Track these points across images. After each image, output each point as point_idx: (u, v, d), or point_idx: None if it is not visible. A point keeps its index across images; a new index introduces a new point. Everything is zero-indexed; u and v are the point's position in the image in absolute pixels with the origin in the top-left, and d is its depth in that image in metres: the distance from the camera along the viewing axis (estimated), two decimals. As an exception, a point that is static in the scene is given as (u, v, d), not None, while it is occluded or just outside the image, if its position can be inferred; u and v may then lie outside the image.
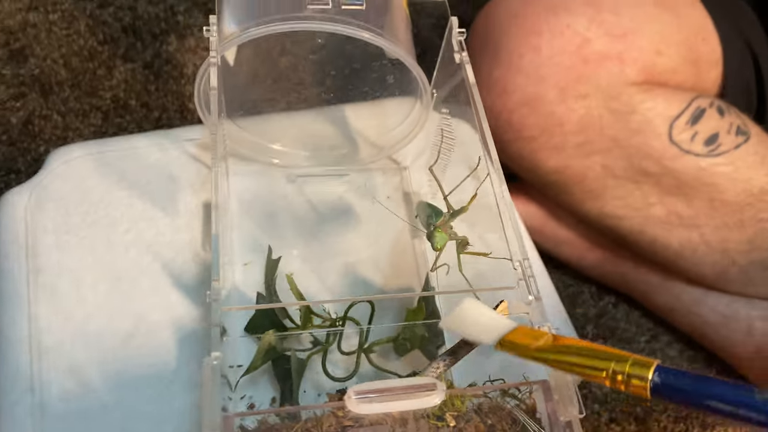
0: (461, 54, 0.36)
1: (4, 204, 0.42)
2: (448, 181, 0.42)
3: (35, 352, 0.37)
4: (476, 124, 0.37)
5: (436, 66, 0.40)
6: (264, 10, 0.35)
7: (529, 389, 0.26)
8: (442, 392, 0.24)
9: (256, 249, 0.43)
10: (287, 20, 0.35)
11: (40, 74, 0.75)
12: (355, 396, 0.23)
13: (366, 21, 0.36)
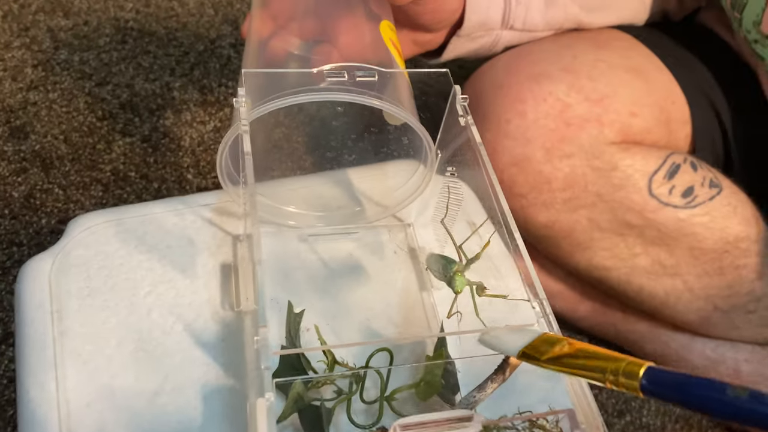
0: (466, 117, 0.39)
1: (28, 271, 0.44)
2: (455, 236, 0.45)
3: (63, 414, 0.38)
4: (477, 185, 0.41)
5: (439, 130, 0.44)
6: (285, 83, 0.39)
7: (556, 418, 0.28)
8: (479, 423, 0.26)
9: (274, 306, 0.44)
10: (308, 92, 0.38)
11: (41, 150, 0.77)
12: (401, 430, 0.25)
13: (377, 90, 0.40)
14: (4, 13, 0.91)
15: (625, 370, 0.25)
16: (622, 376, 0.25)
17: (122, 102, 0.84)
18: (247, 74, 0.39)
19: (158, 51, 0.92)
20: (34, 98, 0.82)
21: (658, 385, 0.25)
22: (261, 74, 0.41)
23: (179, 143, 0.82)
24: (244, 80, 0.38)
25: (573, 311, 0.69)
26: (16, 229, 0.70)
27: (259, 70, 0.40)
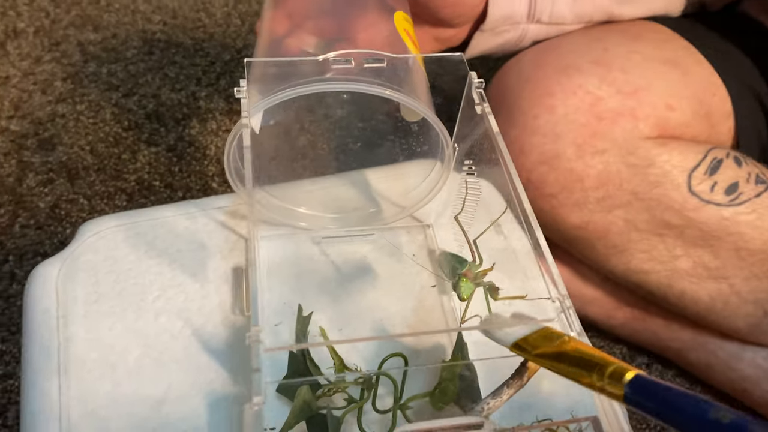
0: (483, 105, 0.37)
1: (36, 276, 0.43)
2: (474, 235, 0.43)
3: (65, 422, 0.37)
4: (498, 180, 0.38)
5: (456, 121, 0.41)
6: (290, 75, 0.37)
7: (579, 427, 0.25)
8: (490, 431, 0.23)
9: (285, 310, 0.42)
10: (312, 83, 0.36)
11: (67, 161, 0.77)
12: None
13: (388, 80, 0.37)
14: (36, 28, 0.92)
15: (612, 374, 0.23)
16: (607, 379, 0.23)
17: (148, 112, 0.84)
18: (251, 65, 0.37)
19: (185, 61, 0.92)
20: (63, 110, 0.82)
21: (642, 394, 0.23)
22: (266, 68, 0.39)
23: (204, 152, 0.81)
24: (247, 71, 0.37)
25: (610, 318, 0.65)
26: (41, 239, 0.70)
27: (263, 59, 0.38)
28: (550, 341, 0.25)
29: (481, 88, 0.37)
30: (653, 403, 0.23)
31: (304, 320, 0.39)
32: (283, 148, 0.49)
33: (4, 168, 0.75)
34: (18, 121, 0.80)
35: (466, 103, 0.39)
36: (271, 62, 0.39)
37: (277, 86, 0.37)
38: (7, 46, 0.89)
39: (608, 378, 0.23)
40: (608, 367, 0.24)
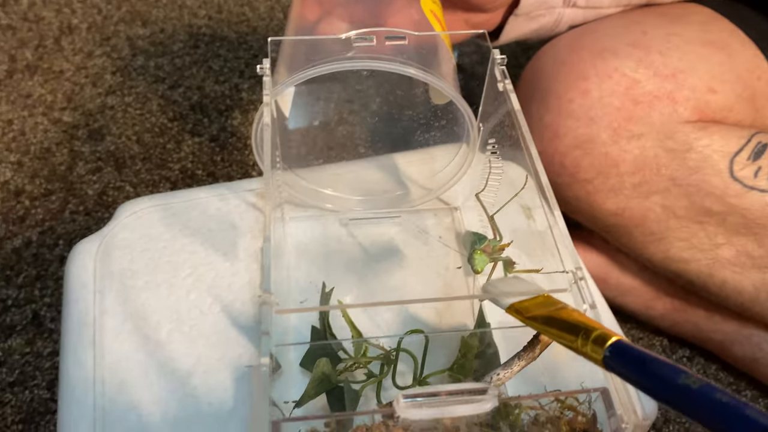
0: (504, 82, 0.36)
1: (76, 252, 0.45)
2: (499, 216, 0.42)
3: (99, 390, 0.38)
4: (522, 158, 0.38)
5: (481, 100, 0.41)
6: (315, 54, 0.37)
7: (589, 398, 0.25)
8: (494, 397, 0.23)
9: (311, 289, 0.43)
10: (336, 61, 0.37)
11: (115, 150, 0.80)
12: (404, 400, 0.23)
13: (412, 60, 0.38)
14: (89, 24, 0.96)
15: (595, 338, 0.23)
16: (590, 343, 0.23)
17: (192, 103, 0.86)
18: (276, 45, 0.38)
19: (228, 54, 0.94)
20: (112, 102, 0.85)
21: (620, 358, 0.23)
22: (291, 47, 0.40)
23: (245, 142, 0.83)
24: (270, 50, 0.37)
25: (649, 309, 0.64)
26: (89, 224, 0.73)
27: (286, 38, 0.39)
28: (546, 307, 0.25)
29: (503, 65, 0.37)
30: (629, 367, 0.22)
31: (326, 296, 0.39)
32: (311, 132, 0.50)
33: (56, 157, 0.79)
34: (70, 113, 0.84)
35: (489, 81, 0.38)
36: (296, 42, 0.40)
37: (301, 65, 0.38)
38: (61, 42, 0.93)
39: (592, 342, 0.23)
40: (593, 332, 0.23)
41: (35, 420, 0.58)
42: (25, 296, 0.66)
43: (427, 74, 0.37)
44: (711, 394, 0.20)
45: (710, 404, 0.20)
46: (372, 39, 0.36)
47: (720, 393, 0.20)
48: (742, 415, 0.20)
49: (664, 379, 0.21)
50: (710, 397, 0.20)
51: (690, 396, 0.20)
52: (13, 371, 0.61)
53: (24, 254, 0.69)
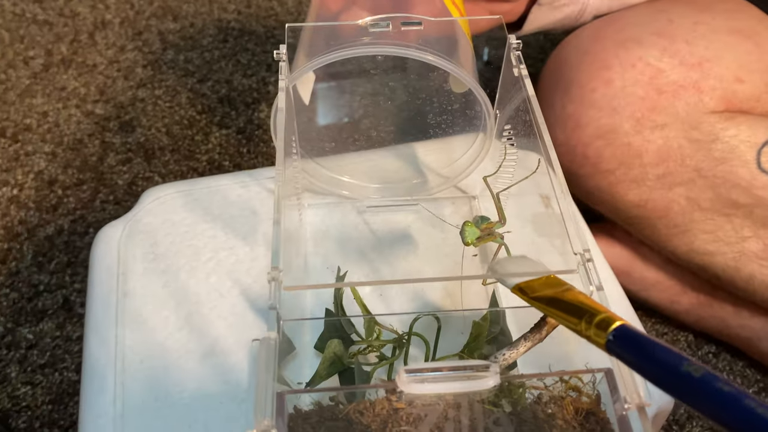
0: (519, 67, 0.36)
1: (102, 236, 0.46)
2: (514, 204, 0.42)
3: (119, 368, 0.39)
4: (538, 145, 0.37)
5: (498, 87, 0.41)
6: (332, 40, 0.38)
7: (593, 379, 0.25)
8: (496, 375, 0.23)
9: (328, 275, 0.44)
10: (352, 47, 0.37)
11: (145, 141, 0.82)
12: (407, 374, 0.23)
13: (430, 47, 0.38)
14: (121, 19, 0.98)
15: (599, 323, 0.23)
16: (594, 327, 0.23)
17: (221, 96, 0.88)
18: (295, 31, 0.38)
19: (256, 48, 0.95)
20: (142, 95, 0.87)
21: (623, 343, 0.23)
22: (310, 33, 0.40)
23: (272, 135, 0.84)
24: (287, 36, 0.38)
25: (674, 303, 0.63)
26: (118, 213, 0.75)
27: (303, 24, 0.39)
28: (551, 288, 0.25)
29: (518, 50, 0.37)
30: (631, 352, 0.22)
31: (340, 279, 0.39)
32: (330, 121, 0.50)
33: (88, 148, 0.81)
34: (102, 105, 0.86)
35: (506, 67, 0.38)
36: (316, 29, 0.40)
37: (320, 52, 0.38)
38: (95, 36, 0.95)
39: (595, 326, 0.23)
40: (597, 315, 0.23)
41: (64, 401, 0.60)
42: (57, 282, 0.68)
43: (443, 60, 0.37)
44: (712, 382, 0.20)
45: (711, 393, 0.20)
46: (388, 25, 0.37)
47: (721, 382, 0.20)
48: (741, 405, 0.19)
49: (667, 366, 0.21)
50: (711, 385, 0.20)
51: (691, 384, 0.20)
52: (44, 354, 0.63)
53: (56, 241, 0.72)
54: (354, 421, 0.24)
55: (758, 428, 0.19)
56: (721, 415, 0.20)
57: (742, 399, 0.20)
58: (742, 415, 0.20)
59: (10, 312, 0.66)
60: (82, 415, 0.38)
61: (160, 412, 0.37)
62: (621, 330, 0.23)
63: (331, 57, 0.37)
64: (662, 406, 0.37)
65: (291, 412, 0.25)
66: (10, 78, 0.89)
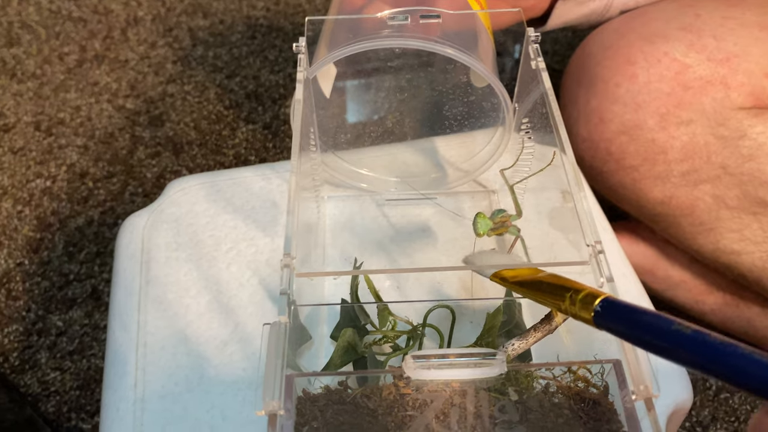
0: (537, 60, 0.36)
1: (127, 225, 0.47)
2: (532, 197, 0.42)
3: (141, 354, 0.40)
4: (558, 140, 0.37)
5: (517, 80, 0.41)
6: (352, 34, 0.38)
7: (601, 370, 0.25)
8: (502, 363, 0.23)
9: (346, 266, 0.44)
10: (371, 40, 0.37)
11: (173, 136, 0.83)
12: (414, 360, 0.23)
13: (449, 40, 0.38)
14: (153, 16, 1.00)
15: (584, 298, 0.23)
16: (579, 302, 0.23)
17: (248, 92, 0.89)
18: (316, 25, 0.39)
19: (284, 45, 0.96)
20: (172, 90, 0.89)
21: (609, 315, 0.23)
22: (332, 27, 0.41)
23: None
24: (307, 29, 0.38)
25: (699, 303, 0.62)
26: (147, 205, 0.76)
27: (323, 17, 0.40)
28: (531, 274, 0.25)
29: (537, 43, 0.37)
30: (620, 322, 0.22)
31: (355, 270, 0.40)
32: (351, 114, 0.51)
33: (118, 141, 0.82)
34: (133, 100, 0.87)
35: (524, 60, 0.38)
36: (337, 22, 0.40)
37: (340, 45, 0.39)
38: (127, 33, 0.97)
39: (580, 302, 0.23)
40: (581, 292, 0.23)
41: (91, 387, 0.61)
42: (86, 271, 0.70)
43: (463, 54, 0.38)
44: (704, 337, 0.20)
45: (704, 347, 0.20)
46: (407, 18, 0.37)
47: (713, 336, 0.20)
48: (736, 353, 0.19)
49: (657, 329, 0.21)
50: (704, 339, 0.20)
51: (684, 342, 0.20)
52: (73, 341, 0.65)
53: (86, 232, 0.73)
54: (361, 405, 0.24)
55: (756, 373, 0.19)
56: (717, 367, 0.20)
57: (735, 348, 0.20)
58: (739, 362, 0.20)
59: (41, 300, 0.68)
60: (104, 398, 0.39)
61: (180, 397, 0.38)
62: (607, 302, 0.23)
63: (350, 49, 0.38)
64: (680, 403, 0.37)
65: (300, 395, 0.25)
66: (46, 73, 0.91)
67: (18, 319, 0.66)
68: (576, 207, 0.30)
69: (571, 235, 0.33)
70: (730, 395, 0.61)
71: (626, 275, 0.44)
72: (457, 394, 0.24)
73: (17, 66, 0.92)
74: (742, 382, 0.20)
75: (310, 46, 0.42)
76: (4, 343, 0.64)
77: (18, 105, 0.87)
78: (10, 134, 0.83)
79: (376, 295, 0.36)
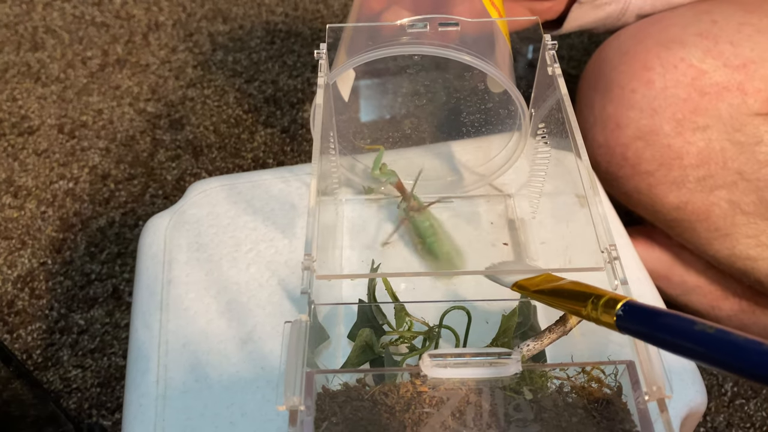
0: (554, 67, 0.37)
1: (150, 225, 0.48)
2: (549, 203, 0.43)
3: (163, 351, 0.41)
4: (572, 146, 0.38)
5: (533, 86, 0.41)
6: (371, 40, 0.39)
7: (615, 371, 0.25)
8: (517, 362, 0.24)
9: (363, 267, 0.45)
10: (390, 46, 0.38)
11: (193, 139, 0.85)
12: (430, 359, 0.24)
13: (466, 47, 0.39)
14: (174, 21, 1.02)
15: (605, 302, 0.23)
16: (601, 307, 0.23)
17: (267, 96, 0.90)
18: (337, 32, 0.40)
19: (302, 50, 0.97)
20: (192, 94, 0.90)
21: (633, 318, 0.23)
22: (352, 33, 0.41)
23: (314, 133, 0.86)
24: (328, 36, 0.39)
25: (714, 309, 0.62)
26: (167, 207, 0.77)
27: (343, 24, 0.41)
28: (550, 282, 0.26)
29: (553, 50, 0.37)
30: (642, 325, 0.23)
31: (373, 271, 0.41)
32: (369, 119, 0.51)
33: (139, 144, 0.84)
34: (153, 104, 0.89)
35: (541, 66, 0.39)
36: (357, 28, 0.41)
37: (359, 51, 0.40)
38: (149, 37, 0.99)
39: (602, 307, 0.23)
40: (603, 297, 0.24)
41: (111, 384, 0.63)
42: (107, 271, 0.71)
43: (480, 60, 0.38)
44: (728, 335, 0.20)
45: (729, 345, 0.20)
46: (425, 26, 0.38)
47: (737, 334, 0.20)
48: (762, 350, 0.20)
49: (680, 331, 0.21)
50: (728, 338, 0.20)
51: (708, 341, 0.21)
52: (94, 339, 0.66)
53: (108, 233, 0.75)
54: (379, 401, 0.25)
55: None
56: (742, 364, 0.20)
57: (760, 345, 0.20)
58: (765, 359, 0.20)
59: (63, 299, 0.69)
60: (127, 394, 0.40)
61: (200, 394, 0.39)
62: (629, 305, 0.23)
63: (369, 55, 0.39)
64: (693, 407, 0.37)
65: (319, 391, 0.26)
66: (69, 77, 0.93)
67: (41, 317, 0.68)
68: (591, 211, 0.30)
69: (586, 239, 0.34)
70: (745, 401, 0.61)
71: (641, 279, 0.45)
72: (473, 392, 0.24)
73: (41, 70, 0.94)
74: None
75: (330, 52, 0.43)
76: (28, 340, 0.66)
77: (42, 108, 0.89)
78: (35, 137, 0.85)
79: (393, 296, 0.36)
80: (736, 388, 0.62)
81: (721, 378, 0.62)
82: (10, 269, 0.72)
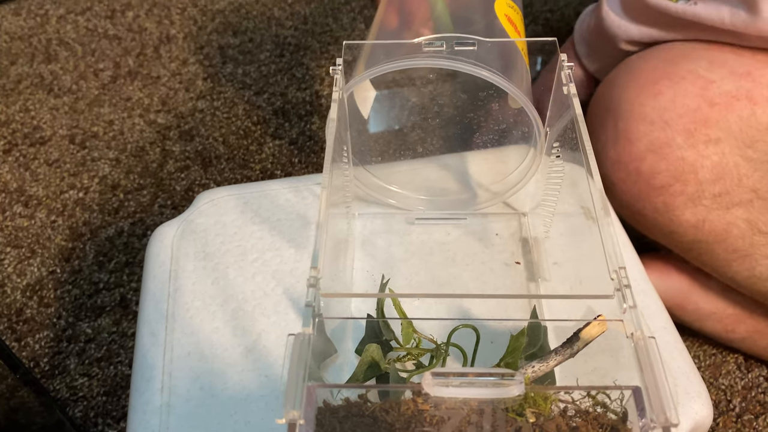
0: (569, 86, 0.37)
1: (157, 234, 0.48)
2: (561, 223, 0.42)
3: (168, 359, 0.41)
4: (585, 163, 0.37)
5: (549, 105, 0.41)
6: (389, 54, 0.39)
7: (621, 396, 0.25)
8: (521, 384, 0.23)
9: (372, 282, 0.44)
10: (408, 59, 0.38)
11: (202, 150, 0.85)
12: (433, 377, 0.23)
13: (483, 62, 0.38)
14: (185, 34, 1.03)
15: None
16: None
17: (275, 109, 0.91)
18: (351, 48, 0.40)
19: (311, 63, 0.98)
20: (202, 106, 0.91)
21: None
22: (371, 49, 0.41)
23: (322, 146, 0.86)
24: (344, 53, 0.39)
25: (729, 333, 0.61)
26: (175, 216, 0.78)
27: (361, 42, 0.41)
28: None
29: (569, 70, 0.37)
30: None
31: (382, 287, 0.40)
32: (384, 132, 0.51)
33: (149, 155, 0.84)
34: (164, 115, 0.90)
35: (557, 85, 0.39)
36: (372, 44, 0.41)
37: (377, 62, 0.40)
38: (160, 50, 1.00)
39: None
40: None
41: (117, 393, 0.62)
42: (115, 280, 0.71)
43: (496, 77, 0.38)
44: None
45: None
46: (442, 44, 0.38)
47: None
48: None
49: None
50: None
51: None
52: (101, 348, 0.66)
53: (116, 242, 0.75)
54: (379, 418, 0.24)
55: None
56: None
57: None
58: None
59: (71, 307, 0.69)
60: (132, 401, 0.40)
61: (204, 402, 0.39)
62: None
63: (387, 67, 0.39)
64: (699, 420, 0.36)
65: (320, 405, 0.26)
66: (81, 89, 0.94)
67: (49, 325, 0.68)
68: (601, 232, 0.30)
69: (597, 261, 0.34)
70: (754, 417, 0.60)
71: (649, 306, 0.44)
72: (475, 412, 0.24)
73: (54, 81, 0.95)
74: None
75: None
76: (35, 348, 0.66)
77: (54, 119, 0.89)
78: (46, 147, 0.86)
79: (401, 312, 0.36)
80: (744, 404, 0.61)
81: (729, 393, 0.62)
82: (20, 277, 0.72)
